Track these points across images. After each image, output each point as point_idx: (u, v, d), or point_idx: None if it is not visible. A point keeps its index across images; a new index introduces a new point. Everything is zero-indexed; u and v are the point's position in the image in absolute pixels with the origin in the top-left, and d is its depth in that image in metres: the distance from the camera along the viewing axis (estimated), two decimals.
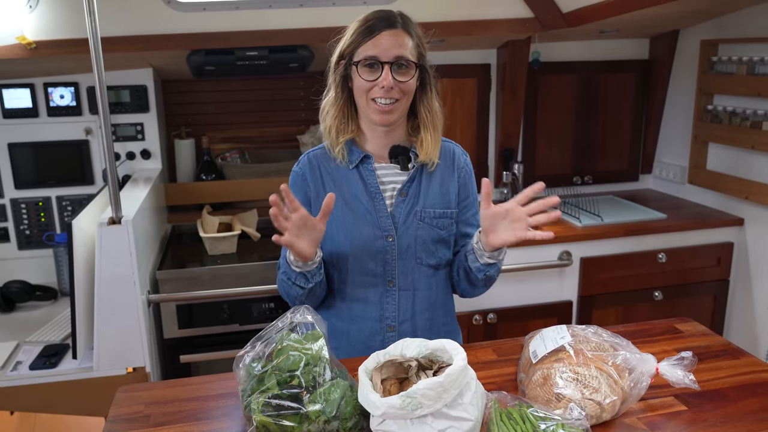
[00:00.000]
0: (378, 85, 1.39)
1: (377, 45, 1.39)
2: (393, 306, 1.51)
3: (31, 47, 2.18)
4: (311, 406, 1.10)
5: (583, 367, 1.20)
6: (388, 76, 1.38)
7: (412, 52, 1.41)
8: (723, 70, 2.70)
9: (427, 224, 1.49)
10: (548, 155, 3.09)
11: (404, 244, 1.48)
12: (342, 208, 1.48)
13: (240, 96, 2.97)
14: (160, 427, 1.20)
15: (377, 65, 1.39)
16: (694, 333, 1.57)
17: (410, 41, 1.41)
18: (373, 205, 1.48)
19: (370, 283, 1.50)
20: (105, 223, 1.86)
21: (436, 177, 1.52)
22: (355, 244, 1.48)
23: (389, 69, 1.38)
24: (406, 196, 1.49)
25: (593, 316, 2.64)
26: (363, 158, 1.50)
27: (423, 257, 1.50)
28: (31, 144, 2.52)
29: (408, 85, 1.41)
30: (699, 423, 1.19)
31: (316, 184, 1.52)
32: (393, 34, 1.39)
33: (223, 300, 2.26)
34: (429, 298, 1.53)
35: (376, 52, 1.39)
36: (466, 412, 1.04)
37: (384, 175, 1.51)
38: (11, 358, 1.95)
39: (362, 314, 1.51)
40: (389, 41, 1.38)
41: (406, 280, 1.50)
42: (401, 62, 1.39)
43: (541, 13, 2.51)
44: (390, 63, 1.38)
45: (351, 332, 1.53)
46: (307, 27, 2.37)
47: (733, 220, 2.70)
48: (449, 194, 1.53)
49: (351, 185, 1.50)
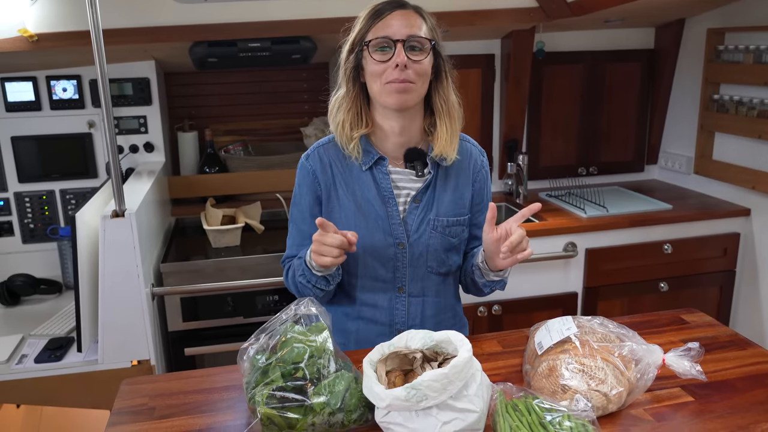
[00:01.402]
0: (391, 65, 1.33)
1: (388, 25, 1.34)
2: (402, 312, 1.49)
3: (33, 40, 2.17)
4: (316, 398, 1.09)
5: (589, 359, 1.19)
6: (401, 53, 1.32)
7: (426, 34, 1.36)
8: (729, 58, 2.68)
9: (440, 233, 1.46)
10: (553, 146, 3.07)
11: (416, 253, 1.45)
12: (354, 212, 1.44)
13: (243, 88, 2.96)
14: (164, 420, 1.20)
15: (389, 46, 1.33)
16: (701, 324, 1.56)
17: (423, 23, 1.36)
18: (386, 211, 1.44)
19: (380, 288, 1.47)
20: (108, 216, 1.86)
21: (450, 182, 1.48)
22: (366, 250, 1.44)
23: (402, 47, 1.32)
24: (420, 202, 1.45)
25: (598, 308, 2.63)
26: (377, 160, 1.45)
27: (434, 266, 1.47)
28: (35, 137, 2.52)
29: (422, 65, 1.35)
30: (706, 414, 1.18)
31: (327, 184, 1.47)
32: (404, 14, 1.34)
33: (228, 293, 2.26)
34: (438, 304, 1.52)
35: (388, 32, 1.33)
36: (471, 404, 1.04)
37: (398, 180, 1.46)
38: (16, 352, 1.96)
39: (371, 318, 1.50)
40: (400, 21, 1.33)
41: (416, 287, 1.48)
42: (414, 41, 1.33)
43: (546, 2, 2.49)
44: (403, 41, 1.32)
45: (360, 332, 1.51)
46: (309, 18, 2.36)
47: (740, 210, 2.68)
48: (463, 200, 1.49)
49: (363, 188, 1.45)
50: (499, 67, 2.90)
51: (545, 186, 3.07)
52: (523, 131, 3.00)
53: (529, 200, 2.90)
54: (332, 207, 1.47)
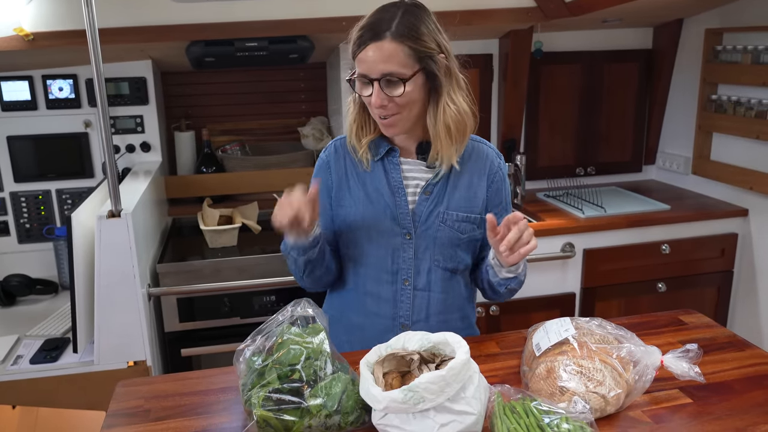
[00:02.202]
0: (371, 103, 1.35)
1: (364, 61, 1.32)
2: (407, 305, 1.48)
3: (29, 39, 2.16)
4: (312, 401, 1.09)
5: (587, 360, 1.19)
6: (376, 94, 1.32)
7: (406, 62, 1.30)
8: (728, 59, 2.67)
9: (449, 227, 1.45)
10: (551, 146, 3.07)
11: (422, 245, 1.45)
12: (362, 200, 1.46)
13: (240, 88, 2.95)
14: (160, 422, 1.20)
15: (368, 82, 1.33)
16: (699, 325, 1.56)
17: (402, 50, 1.30)
18: (395, 201, 1.45)
19: (385, 279, 1.47)
20: (104, 217, 1.85)
21: (464, 178, 1.47)
22: (373, 239, 1.45)
23: (379, 86, 1.31)
24: (431, 194, 1.45)
25: (596, 308, 2.62)
26: (389, 151, 1.46)
27: (440, 260, 1.47)
28: (31, 137, 2.51)
29: (402, 98, 1.32)
30: (704, 416, 1.18)
31: (339, 173, 1.49)
32: (378, 47, 1.29)
33: (224, 293, 2.25)
34: (445, 301, 1.50)
35: (364, 70, 1.32)
36: (469, 406, 1.03)
37: (409, 171, 1.47)
38: (12, 352, 1.95)
39: (376, 310, 1.49)
40: (374, 57, 1.30)
41: (422, 280, 1.47)
42: (389, 78, 1.31)
43: (544, 2, 2.49)
44: (378, 80, 1.31)
45: (365, 327, 1.50)
46: (307, 17, 2.34)
47: (738, 210, 2.68)
48: (476, 198, 1.48)
49: (374, 178, 1.47)
50: (497, 66, 2.89)
51: (543, 186, 3.07)
52: (521, 131, 2.99)
53: (527, 200, 2.90)
54: (342, 196, 1.48)
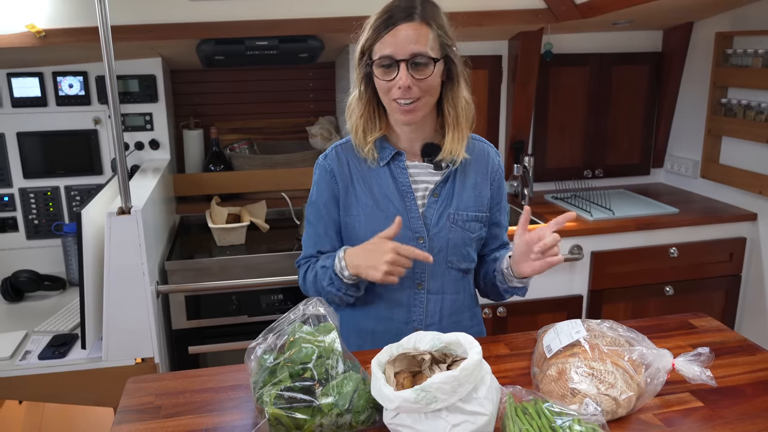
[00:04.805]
0: (395, 85, 1.33)
1: (393, 41, 1.31)
2: (421, 309, 1.48)
3: (41, 35, 2.17)
4: (324, 399, 1.09)
5: (598, 362, 1.18)
6: (404, 76, 1.31)
7: (433, 46, 1.33)
8: (738, 62, 2.66)
9: (460, 227, 1.45)
10: (559, 148, 3.06)
11: (435, 247, 1.45)
12: (371, 208, 1.45)
13: (249, 86, 2.96)
14: (171, 419, 1.20)
15: (393, 64, 1.32)
16: (709, 328, 1.55)
17: (431, 33, 1.33)
18: (404, 205, 1.44)
19: (399, 284, 1.45)
20: (114, 213, 1.85)
21: (469, 178, 1.48)
22: None
23: (406, 67, 1.31)
24: (439, 196, 1.45)
25: (603, 311, 2.62)
26: (395, 155, 1.45)
27: (454, 261, 1.47)
28: (40, 133, 2.52)
29: (427, 82, 1.34)
30: (716, 419, 1.18)
31: (344, 181, 1.47)
32: (410, 27, 1.31)
33: (232, 291, 2.25)
34: (456, 302, 1.51)
35: (391, 51, 1.31)
36: (481, 407, 1.03)
37: (416, 174, 1.46)
38: (20, 348, 1.95)
39: (389, 315, 1.49)
40: (405, 36, 1.30)
41: (436, 283, 1.47)
42: (418, 59, 1.32)
43: (554, 3, 2.48)
44: (406, 60, 1.31)
45: (377, 332, 1.50)
46: (317, 17, 2.35)
47: (746, 215, 2.67)
48: (482, 197, 1.49)
49: (381, 183, 1.45)
50: (506, 68, 2.89)
51: (551, 188, 3.06)
52: (529, 133, 2.99)
53: (535, 202, 2.90)
54: (350, 204, 1.47)
